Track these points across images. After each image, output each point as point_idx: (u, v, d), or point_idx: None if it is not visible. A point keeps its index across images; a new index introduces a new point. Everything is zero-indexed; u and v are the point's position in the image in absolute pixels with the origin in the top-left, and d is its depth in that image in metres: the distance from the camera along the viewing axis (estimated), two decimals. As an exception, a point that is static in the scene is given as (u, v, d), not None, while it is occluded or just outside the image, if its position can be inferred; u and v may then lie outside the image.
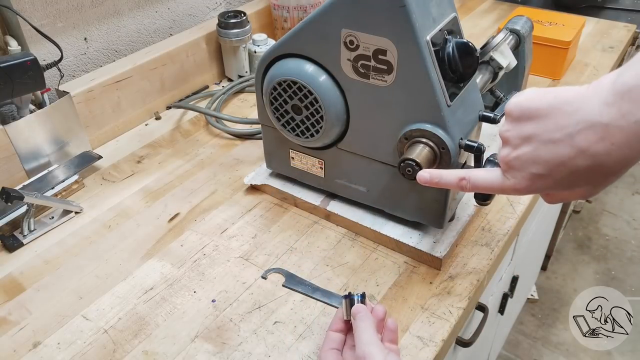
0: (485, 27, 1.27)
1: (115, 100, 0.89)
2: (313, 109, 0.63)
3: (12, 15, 0.77)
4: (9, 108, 0.78)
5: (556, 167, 0.40)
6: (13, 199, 0.66)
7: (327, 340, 0.52)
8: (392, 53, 0.56)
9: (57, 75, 0.84)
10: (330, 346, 0.51)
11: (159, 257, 0.68)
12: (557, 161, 0.40)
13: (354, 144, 0.66)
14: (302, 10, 1.08)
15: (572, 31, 1.01)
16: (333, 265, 0.66)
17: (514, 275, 1.16)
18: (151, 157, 0.86)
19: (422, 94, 0.57)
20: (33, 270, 0.67)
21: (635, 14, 1.33)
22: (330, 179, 0.71)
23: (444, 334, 0.57)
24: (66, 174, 0.78)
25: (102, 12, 0.93)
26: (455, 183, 0.50)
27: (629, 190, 2.26)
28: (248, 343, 0.57)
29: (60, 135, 0.81)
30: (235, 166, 0.84)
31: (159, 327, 0.59)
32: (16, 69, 0.70)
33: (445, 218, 0.65)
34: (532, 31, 0.84)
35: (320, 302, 0.61)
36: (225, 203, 0.76)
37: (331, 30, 0.58)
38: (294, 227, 0.72)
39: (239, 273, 0.65)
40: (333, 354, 0.51)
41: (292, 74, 0.62)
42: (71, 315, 0.61)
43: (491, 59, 0.75)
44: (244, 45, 1.03)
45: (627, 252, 1.98)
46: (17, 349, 0.57)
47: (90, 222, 0.74)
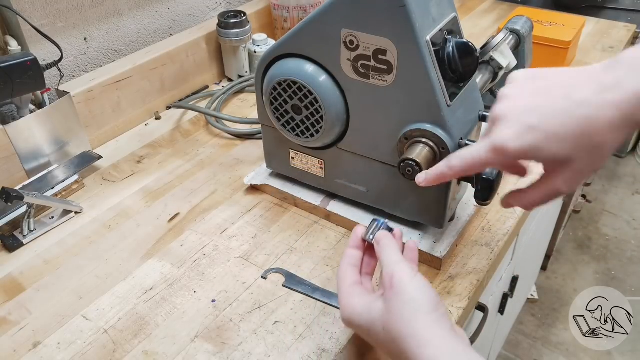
0: (485, 27, 1.27)
1: (115, 100, 0.89)
2: (313, 109, 0.63)
3: (12, 15, 0.77)
4: (9, 108, 0.78)
5: (549, 118, 0.41)
6: (13, 199, 0.66)
7: (346, 257, 0.51)
8: (392, 53, 0.56)
9: (57, 75, 0.84)
10: (349, 262, 0.51)
11: (159, 257, 0.68)
12: (551, 110, 0.41)
13: (354, 144, 0.66)
14: (302, 10, 1.08)
15: (572, 31, 1.01)
16: (333, 265, 0.66)
17: (514, 275, 1.16)
18: (151, 157, 0.86)
19: (422, 94, 0.57)
20: (33, 270, 0.67)
21: (635, 14, 1.33)
22: (330, 179, 0.71)
23: (444, 334, 0.57)
24: (66, 174, 0.78)
25: (102, 12, 0.93)
26: (445, 167, 0.50)
27: (629, 190, 2.26)
28: (248, 343, 0.57)
29: (60, 135, 0.81)
30: (235, 166, 0.84)
31: (159, 327, 0.59)
32: (16, 69, 0.70)
33: (445, 218, 0.65)
34: (532, 31, 0.84)
35: (320, 302, 0.61)
36: (225, 203, 0.76)
37: (331, 30, 0.58)
38: (294, 227, 0.72)
39: (239, 273, 0.65)
40: (351, 269, 0.50)
41: (292, 74, 0.62)
42: (71, 315, 0.61)
43: (491, 59, 0.75)
44: (244, 45, 1.03)
45: (627, 252, 1.98)
46: (17, 349, 0.57)
47: (90, 222, 0.74)
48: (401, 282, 0.45)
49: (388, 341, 0.44)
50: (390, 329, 0.44)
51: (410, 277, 0.45)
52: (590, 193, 2.20)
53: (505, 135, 0.43)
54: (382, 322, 0.44)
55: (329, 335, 0.58)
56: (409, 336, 0.42)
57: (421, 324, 0.42)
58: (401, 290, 0.44)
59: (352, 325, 0.48)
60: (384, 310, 0.45)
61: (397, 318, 0.43)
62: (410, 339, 0.42)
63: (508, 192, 0.50)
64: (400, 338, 0.43)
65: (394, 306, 0.44)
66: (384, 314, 0.45)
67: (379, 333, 0.45)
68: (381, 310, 0.45)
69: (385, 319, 0.44)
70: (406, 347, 0.42)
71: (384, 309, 0.45)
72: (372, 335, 0.46)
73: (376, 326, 0.45)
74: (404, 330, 0.43)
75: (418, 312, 0.43)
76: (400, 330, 0.43)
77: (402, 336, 0.42)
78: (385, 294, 0.46)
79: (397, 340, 0.43)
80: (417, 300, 0.44)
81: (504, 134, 0.43)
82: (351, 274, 0.50)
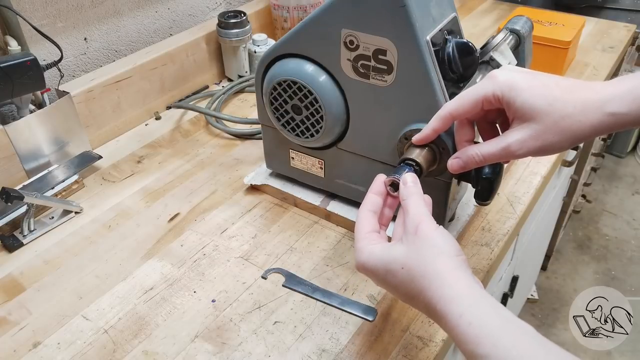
0: (485, 27, 1.27)
1: (115, 100, 0.89)
2: (313, 109, 0.63)
3: (12, 15, 0.77)
4: (9, 108, 0.78)
5: (539, 76, 0.48)
6: (13, 199, 0.66)
7: (367, 202, 0.51)
8: (392, 53, 0.56)
9: (57, 75, 0.84)
10: (370, 208, 0.50)
11: (159, 257, 0.68)
12: (539, 74, 0.48)
13: (354, 144, 0.66)
14: (302, 10, 1.08)
15: (572, 31, 1.01)
16: (333, 265, 0.66)
17: (514, 275, 1.16)
18: (151, 157, 0.86)
19: (422, 94, 0.57)
20: (33, 270, 0.67)
21: (635, 14, 1.33)
22: (330, 179, 0.71)
23: (444, 334, 0.57)
24: (66, 174, 0.78)
25: (102, 12, 0.93)
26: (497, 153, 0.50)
27: (629, 190, 2.26)
28: (248, 343, 0.57)
29: (60, 135, 0.81)
30: (235, 166, 0.84)
31: (159, 327, 0.59)
32: (16, 69, 0.70)
33: (445, 218, 0.65)
34: (532, 31, 0.84)
35: (320, 302, 0.61)
36: (225, 203, 0.76)
37: (331, 30, 0.58)
38: (294, 227, 0.72)
39: (239, 273, 0.65)
40: (371, 215, 0.50)
41: (292, 74, 0.62)
42: (71, 315, 0.61)
43: (491, 59, 0.74)
44: (244, 45, 1.03)
45: (627, 252, 1.98)
46: (17, 349, 0.57)
47: (90, 222, 0.74)
48: (427, 230, 0.44)
49: (407, 281, 0.43)
50: (411, 267, 0.43)
51: (435, 227, 0.45)
52: (590, 193, 2.20)
53: (497, 71, 0.48)
54: (402, 262, 0.44)
55: (329, 335, 0.58)
56: (430, 276, 0.42)
57: (443, 265, 0.42)
58: (425, 236, 0.44)
59: (366, 270, 0.47)
60: (406, 251, 0.44)
61: (420, 258, 0.43)
62: (432, 278, 0.42)
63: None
64: (421, 277, 0.42)
65: (417, 247, 0.44)
66: (405, 254, 0.44)
67: (396, 273, 0.44)
68: (402, 251, 0.44)
69: (407, 259, 0.44)
70: (426, 286, 0.42)
71: (405, 250, 0.44)
72: (389, 277, 0.45)
73: (394, 266, 0.44)
74: (426, 269, 0.42)
75: (442, 254, 0.43)
76: (421, 269, 0.42)
77: (423, 275, 0.42)
78: (406, 239, 0.45)
79: (417, 279, 0.42)
80: (441, 245, 0.43)
81: (495, 70, 0.48)
82: (371, 221, 0.49)
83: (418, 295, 0.43)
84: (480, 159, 0.49)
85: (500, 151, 0.48)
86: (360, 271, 0.48)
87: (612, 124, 0.44)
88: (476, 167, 0.51)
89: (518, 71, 0.48)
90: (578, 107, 0.44)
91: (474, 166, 0.51)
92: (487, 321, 0.39)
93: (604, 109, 0.44)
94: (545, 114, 0.45)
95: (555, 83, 0.46)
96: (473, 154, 0.50)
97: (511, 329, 0.38)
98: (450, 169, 0.52)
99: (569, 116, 0.44)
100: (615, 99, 0.44)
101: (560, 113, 0.44)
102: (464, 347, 0.39)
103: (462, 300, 0.40)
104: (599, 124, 0.44)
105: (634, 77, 0.45)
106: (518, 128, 0.46)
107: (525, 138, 0.46)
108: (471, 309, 0.39)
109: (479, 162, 0.50)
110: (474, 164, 0.50)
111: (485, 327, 0.38)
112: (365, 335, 0.58)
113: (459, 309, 0.40)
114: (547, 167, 0.81)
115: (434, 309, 0.42)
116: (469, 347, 0.38)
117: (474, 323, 0.39)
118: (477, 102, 0.48)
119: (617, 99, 0.44)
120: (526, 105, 0.45)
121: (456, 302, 0.40)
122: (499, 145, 0.48)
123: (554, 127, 0.45)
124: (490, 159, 0.49)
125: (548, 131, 0.45)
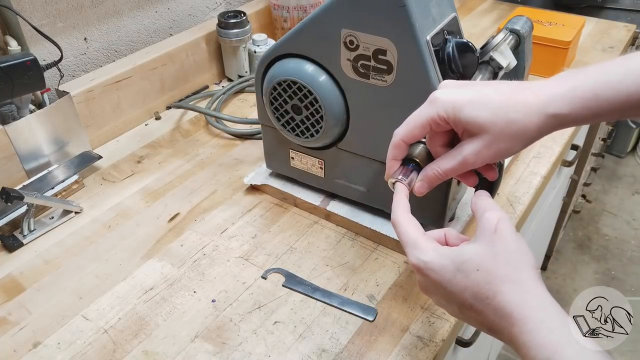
0: (485, 27, 1.27)
1: (115, 100, 0.89)
2: (313, 109, 0.63)
3: (12, 15, 0.77)
4: (9, 108, 0.78)
5: (477, 86, 0.48)
6: (13, 199, 0.66)
7: (402, 206, 0.49)
8: (392, 53, 0.56)
9: (57, 75, 0.84)
10: (408, 210, 0.49)
11: (159, 257, 0.68)
12: (479, 85, 0.48)
13: (354, 144, 0.66)
14: (302, 10, 1.08)
15: (572, 31, 1.01)
16: (333, 265, 0.66)
17: (514, 275, 1.16)
18: (151, 157, 0.86)
19: (422, 94, 0.57)
20: (33, 270, 0.67)
21: (635, 14, 1.33)
22: (330, 179, 0.71)
23: (444, 334, 0.57)
24: (66, 174, 0.78)
25: (102, 12, 0.93)
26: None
27: (629, 190, 2.26)
28: (248, 343, 0.57)
29: (60, 135, 0.81)
30: (235, 166, 0.84)
31: (159, 327, 0.59)
32: (16, 69, 0.70)
33: (445, 218, 0.65)
34: (532, 31, 0.84)
35: (320, 302, 0.61)
36: (225, 203, 0.76)
37: (331, 30, 0.58)
38: (294, 227, 0.72)
39: (239, 273, 0.65)
40: (412, 218, 0.48)
41: (292, 74, 0.62)
42: (71, 315, 0.61)
43: (491, 59, 0.74)
44: (244, 45, 1.03)
45: (627, 252, 1.98)
46: (17, 349, 0.57)
47: (90, 222, 0.74)
48: (508, 230, 0.44)
49: (481, 283, 0.42)
50: (490, 270, 0.42)
51: (513, 228, 0.45)
52: (590, 193, 2.20)
53: (437, 92, 0.47)
54: (478, 263, 0.42)
55: (329, 335, 0.58)
56: (513, 281, 0.41)
57: (527, 274, 0.42)
58: (507, 237, 0.43)
59: (429, 269, 0.44)
60: (484, 252, 0.43)
61: (502, 261, 0.42)
62: (515, 285, 0.41)
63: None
64: (502, 281, 0.41)
65: (499, 250, 0.43)
66: (482, 254, 0.43)
67: (470, 274, 0.42)
68: (477, 251, 0.43)
69: (485, 260, 0.42)
70: (505, 290, 0.41)
71: (482, 250, 0.43)
72: (458, 278, 0.43)
73: (468, 266, 0.43)
74: (509, 274, 0.41)
75: (526, 264, 0.42)
76: (503, 273, 0.42)
77: (505, 280, 0.41)
78: (483, 237, 0.44)
79: (494, 282, 0.41)
80: (524, 252, 0.43)
81: (436, 91, 0.48)
82: (417, 224, 0.48)
83: (493, 298, 0.41)
84: (441, 175, 0.49)
85: (458, 165, 0.48)
86: (418, 271, 0.45)
87: (556, 125, 0.45)
88: (440, 182, 0.50)
89: (457, 86, 0.48)
90: (521, 111, 0.44)
91: (438, 182, 0.50)
92: (569, 332, 0.39)
93: (545, 110, 0.44)
94: (491, 124, 0.45)
95: (495, 91, 0.46)
96: (433, 172, 0.49)
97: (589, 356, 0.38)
98: (417, 193, 0.51)
99: (514, 122, 0.44)
100: (556, 99, 0.44)
101: (505, 120, 0.44)
102: (534, 352, 0.39)
103: (547, 309, 0.40)
104: (545, 126, 0.45)
105: (573, 76, 0.45)
106: (470, 140, 0.46)
107: (480, 149, 0.46)
108: (553, 317, 0.40)
109: (440, 177, 0.50)
110: (437, 181, 0.50)
111: (567, 334, 0.39)
112: (365, 335, 0.58)
113: (540, 314, 0.40)
114: (547, 167, 0.81)
115: (509, 315, 0.41)
116: (545, 353, 0.38)
117: (556, 330, 0.39)
118: (424, 126, 0.48)
119: (558, 99, 0.44)
120: (470, 120, 0.45)
121: (538, 310, 0.40)
122: (455, 160, 0.48)
123: (502, 135, 0.45)
124: (450, 173, 0.49)
125: (498, 139, 0.45)
